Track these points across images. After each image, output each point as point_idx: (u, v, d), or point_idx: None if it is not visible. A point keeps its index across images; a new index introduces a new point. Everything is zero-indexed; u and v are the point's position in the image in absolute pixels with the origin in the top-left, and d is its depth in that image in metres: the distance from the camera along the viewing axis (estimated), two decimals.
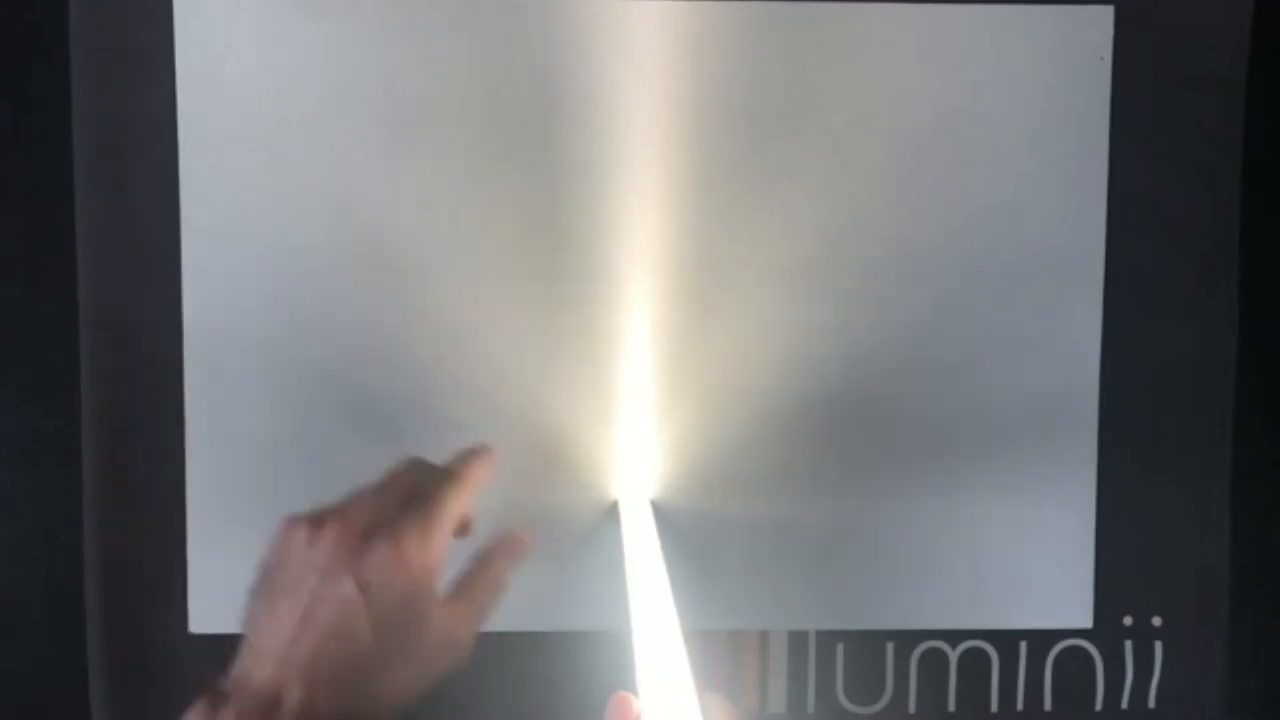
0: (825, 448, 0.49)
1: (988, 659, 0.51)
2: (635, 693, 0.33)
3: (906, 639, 0.50)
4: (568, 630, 0.49)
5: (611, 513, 0.48)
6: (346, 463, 0.48)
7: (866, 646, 0.50)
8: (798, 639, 0.50)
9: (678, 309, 0.48)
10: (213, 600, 0.48)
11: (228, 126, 0.47)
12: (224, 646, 0.49)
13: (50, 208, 0.48)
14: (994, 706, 0.51)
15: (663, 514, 0.48)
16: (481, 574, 0.39)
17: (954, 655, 0.50)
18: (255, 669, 0.34)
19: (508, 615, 0.49)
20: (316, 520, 0.36)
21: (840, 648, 0.50)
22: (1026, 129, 0.48)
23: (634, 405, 0.48)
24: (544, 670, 0.49)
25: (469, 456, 0.42)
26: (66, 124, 0.47)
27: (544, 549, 0.48)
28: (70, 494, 0.48)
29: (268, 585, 0.36)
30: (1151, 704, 0.51)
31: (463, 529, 0.40)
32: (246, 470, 0.48)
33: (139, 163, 0.47)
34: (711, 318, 0.48)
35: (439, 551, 0.37)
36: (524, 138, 0.48)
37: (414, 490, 0.38)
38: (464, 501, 0.39)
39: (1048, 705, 0.51)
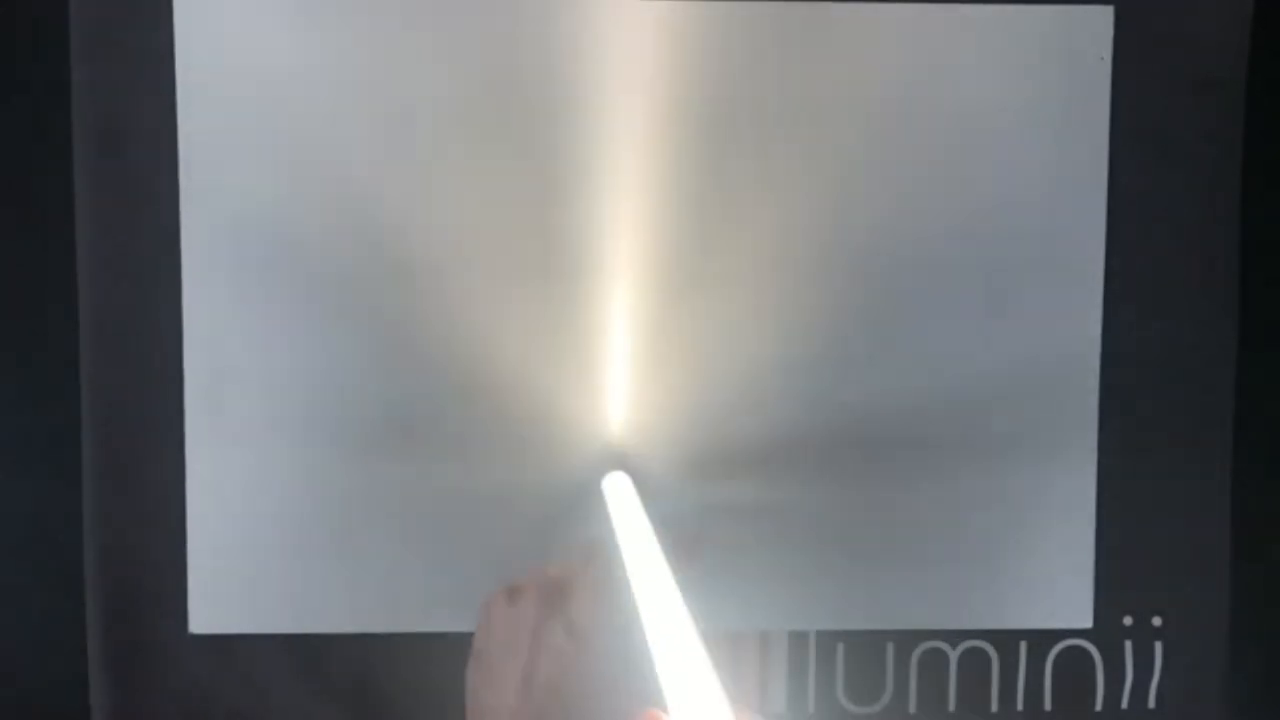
0: (823, 449, 0.49)
1: (988, 659, 0.51)
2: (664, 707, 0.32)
3: (906, 639, 0.50)
4: None
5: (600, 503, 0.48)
6: (347, 462, 0.48)
7: (866, 646, 0.50)
8: (798, 639, 0.50)
9: (673, 304, 0.48)
10: (213, 600, 0.48)
11: (228, 126, 0.47)
12: (224, 646, 0.49)
13: (50, 208, 0.48)
14: (994, 706, 0.51)
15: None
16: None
17: (954, 655, 0.50)
18: None
19: None
20: (512, 590, 0.38)
21: (840, 648, 0.50)
22: (1026, 129, 0.48)
23: (626, 403, 0.48)
24: None
25: None
26: (66, 124, 0.47)
27: (538, 540, 0.49)
28: (70, 494, 0.48)
29: (484, 658, 0.38)
30: (1151, 704, 0.51)
31: None
32: (246, 470, 0.48)
33: (139, 163, 0.47)
34: (708, 314, 0.48)
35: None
36: (522, 136, 0.48)
37: (589, 543, 0.40)
38: None
39: (1048, 705, 0.51)
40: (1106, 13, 0.48)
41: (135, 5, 0.47)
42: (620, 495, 0.45)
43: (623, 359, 0.48)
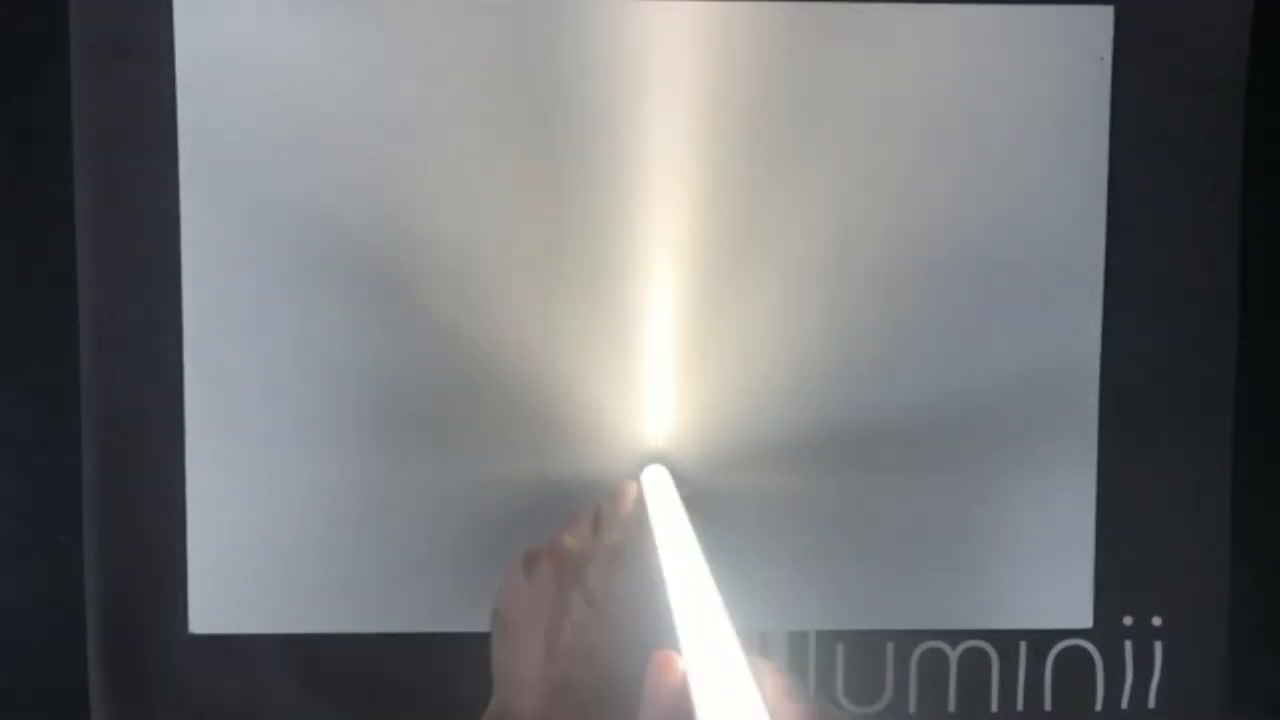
0: (825, 448, 0.49)
1: (988, 659, 0.51)
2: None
3: (906, 639, 0.50)
4: None
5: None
6: (348, 462, 0.48)
7: (866, 646, 0.50)
8: (798, 639, 0.50)
9: (691, 305, 0.48)
10: (213, 600, 0.48)
11: (228, 126, 0.47)
12: (224, 646, 0.49)
13: (50, 208, 0.48)
14: (994, 706, 0.51)
15: None
16: None
17: (954, 655, 0.50)
18: (518, 701, 0.37)
19: None
20: (529, 560, 0.40)
21: (840, 648, 0.50)
22: (1026, 129, 0.48)
23: (635, 414, 0.48)
24: None
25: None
26: (66, 124, 0.47)
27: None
28: (70, 494, 0.48)
29: (508, 629, 0.39)
30: (1151, 704, 0.51)
31: None
32: (246, 470, 0.48)
33: (139, 162, 0.47)
34: (721, 315, 0.48)
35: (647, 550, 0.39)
36: (533, 136, 0.47)
37: (596, 512, 0.42)
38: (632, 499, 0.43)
39: (1048, 705, 0.51)
40: (1106, 13, 0.48)
41: (135, 5, 0.47)
42: (658, 489, 0.45)
43: (658, 356, 0.48)
